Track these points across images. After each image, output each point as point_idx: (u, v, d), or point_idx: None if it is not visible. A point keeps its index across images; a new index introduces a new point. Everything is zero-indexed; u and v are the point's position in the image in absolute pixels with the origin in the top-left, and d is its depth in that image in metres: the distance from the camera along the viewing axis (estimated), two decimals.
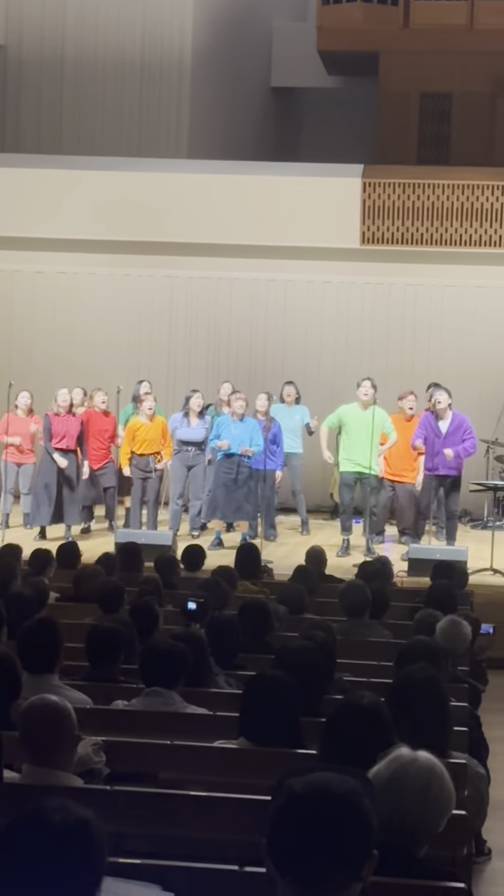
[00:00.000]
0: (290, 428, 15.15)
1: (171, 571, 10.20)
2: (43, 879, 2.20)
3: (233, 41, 20.77)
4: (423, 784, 3.40)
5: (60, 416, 14.57)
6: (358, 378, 14.50)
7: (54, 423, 14.54)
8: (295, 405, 15.55)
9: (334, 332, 18.06)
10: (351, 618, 8.46)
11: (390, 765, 3.44)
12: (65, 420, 14.57)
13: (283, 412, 15.21)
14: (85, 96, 20.06)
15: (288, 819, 2.45)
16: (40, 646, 5.85)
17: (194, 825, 4.39)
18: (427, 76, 19.73)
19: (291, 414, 15.36)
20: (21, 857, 2.21)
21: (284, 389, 15.64)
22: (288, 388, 15.65)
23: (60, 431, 14.51)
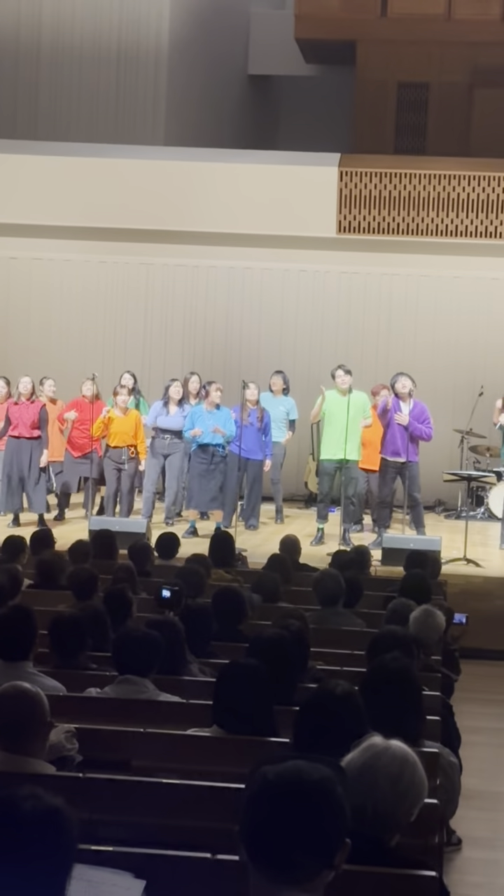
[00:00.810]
0: (274, 417, 15.15)
1: (145, 559, 10.20)
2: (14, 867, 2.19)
3: (210, 28, 20.72)
4: (395, 773, 3.41)
5: (20, 403, 14.53)
6: (332, 367, 14.49)
7: (11, 411, 14.51)
8: (282, 395, 15.54)
9: (310, 321, 18.06)
10: (324, 607, 8.47)
11: (363, 753, 3.44)
12: (23, 408, 14.52)
13: (269, 401, 15.21)
14: (61, 82, 19.97)
15: (261, 807, 2.45)
16: (14, 633, 5.83)
17: (167, 813, 4.39)
18: (404, 65, 19.73)
19: (277, 404, 15.36)
20: None
21: (272, 379, 15.63)
22: (276, 377, 15.64)
23: (14, 419, 14.47)
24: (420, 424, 13.75)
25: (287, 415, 15.47)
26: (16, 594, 8.21)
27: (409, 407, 13.78)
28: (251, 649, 5.84)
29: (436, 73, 19.76)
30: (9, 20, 19.86)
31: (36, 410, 14.57)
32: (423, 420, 13.82)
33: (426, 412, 13.90)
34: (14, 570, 8.72)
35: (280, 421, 15.35)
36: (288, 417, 15.48)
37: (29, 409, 14.55)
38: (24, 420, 14.46)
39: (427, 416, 13.87)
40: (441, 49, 19.61)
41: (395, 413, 13.65)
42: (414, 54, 19.63)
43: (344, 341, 17.76)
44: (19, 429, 14.47)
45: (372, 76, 19.91)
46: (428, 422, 13.85)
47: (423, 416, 13.83)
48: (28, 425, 14.46)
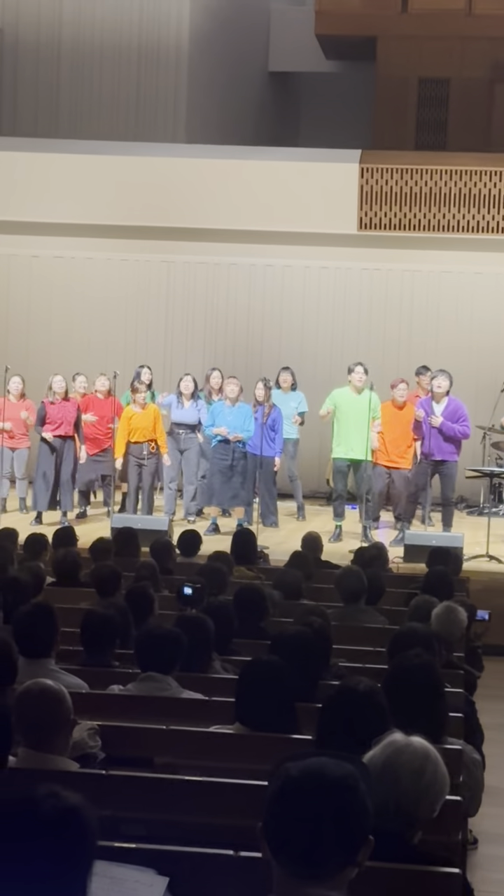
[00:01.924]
0: (285, 414, 15.15)
1: (167, 557, 10.21)
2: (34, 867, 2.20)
3: (231, 25, 20.71)
4: (417, 769, 3.40)
5: (56, 402, 14.53)
6: (351, 363, 14.47)
7: (49, 411, 14.50)
8: (291, 391, 15.55)
9: (331, 318, 18.04)
10: (347, 603, 8.46)
11: (384, 750, 3.44)
12: (60, 406, 14.53)
13: (279, 398, 15.19)
14: (82, 80, 20.00)
15: (284, 804, 2.45)
16: (36, 631, 5.85)
17: (190, 810, 4.39)
18: (425, 61, 19.70)
19: (287, 400, 15.35)
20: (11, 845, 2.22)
21: (280, 375, 15.62)
22: (284, 374, 15.64)
23: (56, 418, 14.48)
24: (454, 423, 13.61)
25: (296, 409, 15.45)
26: (38, 592, 8.23)
27: (441, 408, 13.65)
28: (273, 646, 5.84)
29: (456, 68, 19.72)
30: (30, 19, 19.90)
31: (73, 409, 14.59)
32: (458, 418, 13.65)
33: (461, 410, 13.73)
34: (36, 568, 8.76)
35: (290, 417, 15.33)
36: (297, 411, 15.46)
37: (67, 407, 14.56)
38: (68, 419, 14.47)
39: (463, 415, 13.69)
40: (462, 44, 19.57)
41: (429, 416, 13.54)
42: (434, 50, 19.59)
43: (365, 338, 17.74)
44: (64, 427, 14.46)
45: (392, 72, 19.88)
46: (464, 420, 13.68)
47: (458, 415, 13.66)
48: (71, 423, 14.48)
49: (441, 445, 13.61)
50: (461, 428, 13.64)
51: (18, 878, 2.20)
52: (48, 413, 14.48)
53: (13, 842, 2.23)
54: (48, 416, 14.46)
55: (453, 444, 13.74)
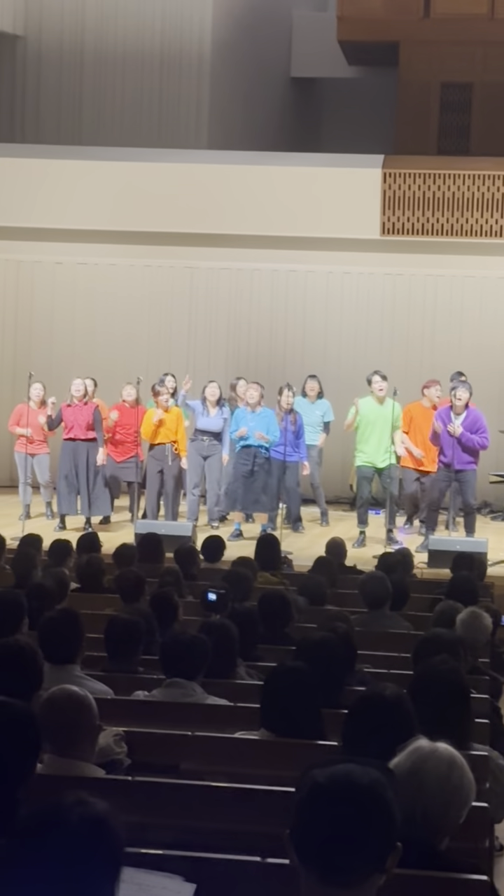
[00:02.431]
0: (310, 422, 15.20)
1: (191, 562, 10.22)
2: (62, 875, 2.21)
3: (253, 31, 20.73)
4: (443, 775, 3.39)
5: (73, 405, 14.57)
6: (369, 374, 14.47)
7: (65, 414, 14.55)
8: (317, 399, 15.57)
9: (354, 324, 18.03)
10: (371, 609, 8.45)
11: (410, 756, 3.42)
12: (76, 410, 14.55)
13: (304, 406, 15.24)
14: (105, 87, 20.05)
15: (311, 810, 2.45)
16: (62, 636, 5.86)
17: (216, 816, 4.39)
18: (447, 66, 19.66)
19: (313, 409, 15.40)
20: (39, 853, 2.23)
21: (307, 383, 15.65)
22: (311, 382, 15.67)
23: (70, 421, 14.52)
24: (473, 434, 13.58)
25: (322, 417, 15.48)
26: (63, 598, 8.24)
27: (461, 419, 13.61)
28: (298, 652, 5.84)
29: (479, 73, 19.69)
30: (53, 27, 19.96)
31: (90, 412, 14.61)
32: (478, 429, 13.62)
33: (480, 420, 13.71)
34: (61, 574, 8.77)
35: (316, 425, 15.37)
36: (323, 420, 15.49)
37: (83, 410, 14.58)
38: (80, 422, 14.50)
39: (482, 426, 13.67)
40: (484, 49, 19.53)
41: (448, 424, 13.52)
42: (457, 55, 19.56)
43: (388, 343, 17.72)
44: (74, 430, 14.50)
45: (415, 77, 19.86)
46: (483, 431, 13.66)
47: (478, 426, 13.63)
48: (83, 427, 14.50)
49: (460, 455, 13.59)
50: (480, 439, 13.62)
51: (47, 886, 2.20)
52: (64, 416, 14.53)
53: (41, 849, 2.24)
54: (64, 418, 14.52)
55: (471, 454, 13.71)
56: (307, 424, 15.07)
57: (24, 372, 15.52)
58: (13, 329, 18.54)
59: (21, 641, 5.31)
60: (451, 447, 13.52)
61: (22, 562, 9.39)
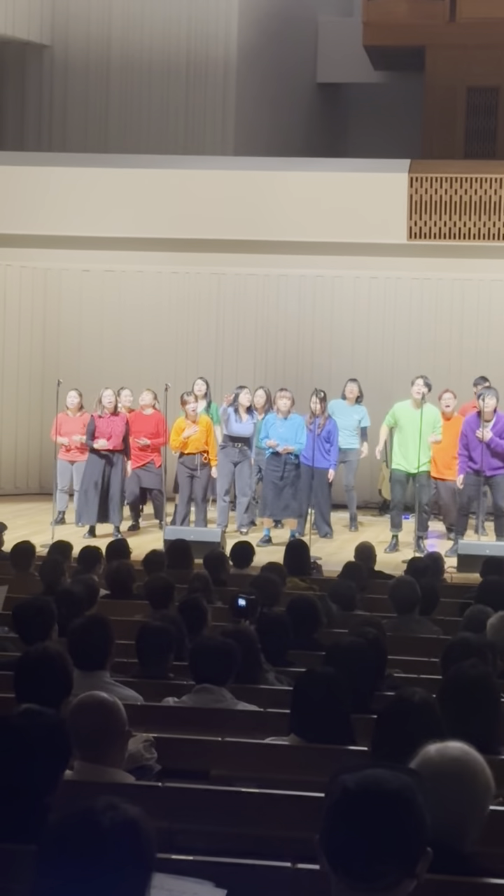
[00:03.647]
0: (347, 425, 15.20)
1: (221, 568, 10.21)
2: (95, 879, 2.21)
3: (278, 37, 20.75)
4: (455, 774, 3.30)
5: (105, 416, 14.59)
6: (406, 375, 14.52)
7: (98, 425, 14.56)
8: (356, 404, 15.57)
9: (381, 329, 18.02)
10: (400, 614, 8.43)
11: (419, 761, 3.35)
12: (109, 421, 14.58)
13: (343, 409, 15.24)
14: (131, 95, 20.10)
15: (341, 815, 2.44)
16: (91, 643, 5.87)
17: (246, 822, 4.38)
18: (474, 70, 19.62)
19: (351, 412, 15.41)
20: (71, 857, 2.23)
21: (347, 386, 15.67)
22: (351, 385, 15.68)
23: (105, 432, 14.54)
24: (501, 440, 13.55)
25: (360, 423, 15.47)
26: (93, 604, 8.26)
27: (489, 425, 13.57)
28: (328, 657, 5.84)
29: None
30: (79, 35, 20.03)
31: (122, 423, 14.63)
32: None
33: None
34: (90, 581, 8.79)
35: (353, 428, 15.37)
36: (360, 425, 15.49)
37: (115, 421, 14.60)
38: (116, 432, 14.51)
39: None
40: None
41: (476, 430, 13.48)
42: (483, 58, 19.51)
43: (416, 348, 17.69)
44: (112, 441, 14.50)
45: (441, 81, 19.82)
46: None
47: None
48: (119, 437, 14.52)
49: (489, 461, 13.56)
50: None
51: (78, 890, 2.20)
52: (97, 427, 14.55)
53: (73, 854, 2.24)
54: (97, 430, 14.53)
55: (500, 459, 13.68)
56: (344, 428, 15.06)
57: (52, 380, 15.56)
58: (41, 337, 18.59)
59: (51, 648, 5.32)
60: (480, 453, 13.48)
61: (51, 569, 9.42)
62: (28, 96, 20.36)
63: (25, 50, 20.12)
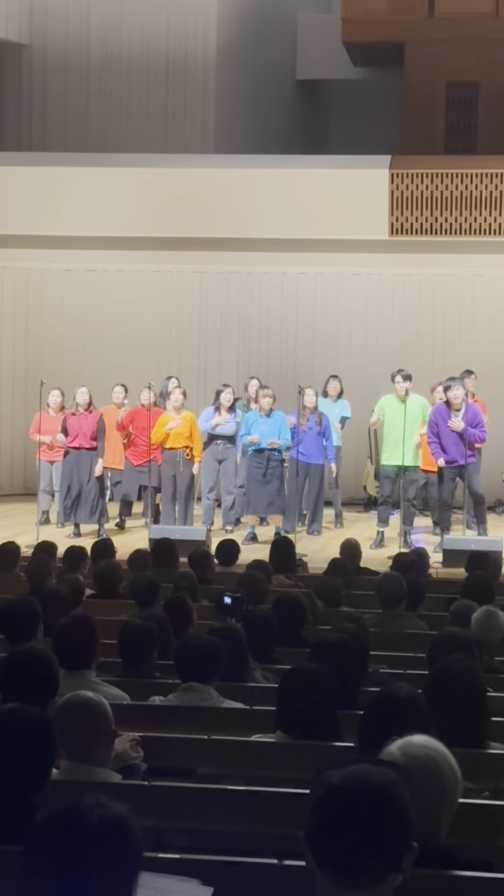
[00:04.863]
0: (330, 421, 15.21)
1: (206, 566, 10.21)
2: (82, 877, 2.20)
3: (257, 34, 20.74)
4: (420, 769, 3.25)
5: (77, 414, 14.58)
6: (390, 370, 14.51)
7: (70, 422, 14.56)
8: (338, 399, 15.59)
9: (364, 325, 18.03)
10: (386, 609, 8.44)
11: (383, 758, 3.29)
12: (80, 418, 14.56)
13: (325, 406, 15.26)
14: (110, 94, 20.07)
15: (326, 811, 2.44)
16: (76, 642, 5.87)
17: (233, 819, 4.38)
18: (453, 65, 19.64)
19: (332, 408, 15.42)
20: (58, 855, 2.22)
21: (329, 384, 15.69)
22: (333, 382, 15.72)
23: (75, 429, 14.53)
24: (474, 429, 13.61)
25: (339, 414, 15.49)
26: (78, 604, 8.26)
27: (460, 415, 13.62)
28: (313, 654, 5.84)
29: (485, 71, 19.66)
30: (58, 34, 19.99)
31: (94, 421, 14.61)
32: (477, 424, 13.68)
33: (479, 415, 13.77)
34: (75, 581, 8.79)
35: (335, 424, 15.37)
36: (340, 416, 15.49)
37: (87, 419, 14.59)
38: (84, 430, 14.51)
39: (480, 420, 13.74)
40: (489, 47, 19.51)
41: (448, 421, 13.52)
42: (462, 53, 19.53)
43: (399, 343, 17.71)
44: (79, 439, 14.51)
45: (421, 77, 19.84)
46: (481, 425, 13.72)
47: (477, 420, 13.69)
48: (88, 436, 14.51)
49: (462, 450, 13.59)
50: (480, 433, 13.69)
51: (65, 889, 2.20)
52: (68, 424, 14.55)
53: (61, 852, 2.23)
54: (68, 427, 14.54)
55: (470, 447, 13.74)
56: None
57: (35, 379, 15.55)
58: (24, 337, 18.56)
59: (36, 648, 5.32)
60: (451, 447, 13.51)
61: (36, 569, 9.41)
62: (7, 96, 20.32)
63: (4, 49, 20.08)
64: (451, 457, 13.59)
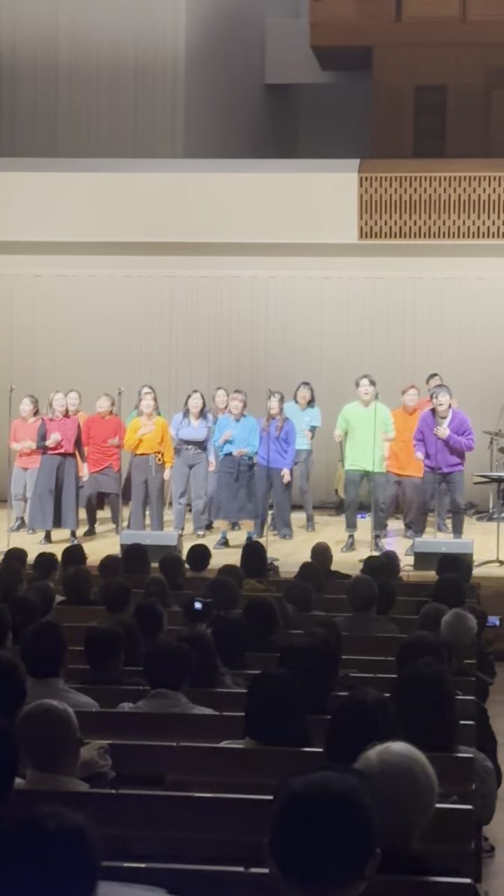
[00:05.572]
0: (298, 428, 15.20)
1: (177, 572, 10.19)
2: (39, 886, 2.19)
3: (226, 39, 20.75)
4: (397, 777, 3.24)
5: (56, 420, 14.53)
6: (357, 375, 14.50)
7: (49, 428, 14.51)
8: (307, 407, 15.56)
9: (334, 328, 18.04)
10: (357, 613, 8.44)
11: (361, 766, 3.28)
12: (60, 424, 14.52)
13: (295, 413, 15.25)
14: (80, 98, 20.04)
15: (289, 819, 2.43)
16: (43, 650, 5.83)
17: (201, 827, 4.37)
18: (421, 69, 19.69)
19: (302, 415, 15.41)
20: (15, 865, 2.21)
21: (299, 391, 15.64)
22: (303, 389, 15.66)
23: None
24: (460, 437, 13.63)
25: (309, 423, 15.49)
26: (47, 611, 8.22)
27: (446, 423, 13.65)
28: (282, 659, 5.83)
29: (452, 75, 19.71)
30: (26, 38, 19.95)
31: (74, 426, 14.57)
32: (464, 431, 13.70)
33: (466, 423, 13.79)
34: (45, 587, 8.75)
35: (304, 432, 15.37)
36: (310, 424, 15.49)
37: (66, 424, 14.54)
38: (66, 436, 14.45)
39: (468, 428, 13.77)
40: (457, 51, 19.56)
41: (434, 428, 13.56)
42: (430, 57, 19.58)
43: (370, 347, 17.73)
44: (62, 444, 14.45)
45: (389, 80, 19.87)
46: (469, 433, 13.75)
47: (464, 428, 13.72)
48: (70, 441, 14.47)
49: (447, 458, 13.64)
50: (466, 441, 13.71)
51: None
52: (48, 430, 14.50)
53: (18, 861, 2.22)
54: (48, 433, 14.49)
55: (458, 455, 13.77)
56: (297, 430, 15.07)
57: (5, 386, 15.48)
58: None
59: (3, 656, 5.29)
60: (435, 450, 13.54)
61: (6, 576, 9.36)
62: None
63: None
64: (433, 463, 13.60)
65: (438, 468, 13.60)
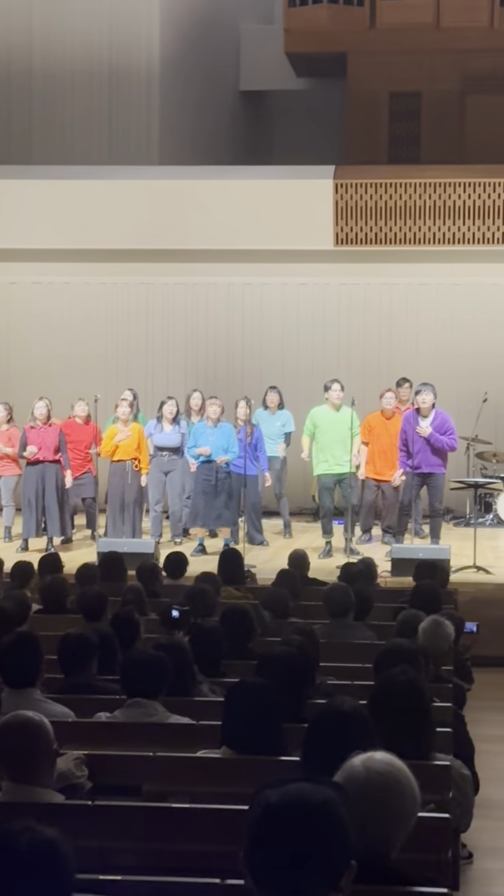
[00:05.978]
0: (270, 433, 15.19)
1: (154, 579, 10.17)
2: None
3: (200, 45, 20.75)
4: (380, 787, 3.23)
5: (36, 427, 14.48)
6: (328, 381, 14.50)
7: (30, 436, 14.45)
8: (278, 411, 15.55)
9: (311, 334, 18.05)
10: (334, 620, 8.43)
11: (344, 774, 3.28)
12: (41, 432, 14.47)
13: (265, 417, 15.25)
14: (54, 106, 20.00)
15: (264, 831, 2.42)
16: (19, 660, 5.81)
17: (179, 837, 4.35)
18: (395, 76, 19.73)
19: (273, 420, 15.40)
20: None
21: (267, 395, 15.62)
22: (271, 393, 15.63)
23: (36, 443, 14.44)
24: (442, 436, 13.64)
25: (282, 428, 15.47)
26: (24, 620, 8.18)
27: (428, 422, 13.67)
28: (259, 668, 5.81)
29: (427, 81, 19.77)
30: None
31: (55, 434, 14.52)
32: (446, 431, 13.69)
33: (448, 422, 13.77)
34: (21, 596, 8.71)
35: (276, 436, 15.36)
36: (283, 430, 15.48)
37: (48, 432, 14.49)
38: (47, 443, 14.40)
39: (450, 427, 13.75)
40: (431, 57, 19.62)
41: (416, 427, 13.57)
42: (404, 64, 19.63)
43: (346, 353, 17.75)
44: (42, 452, 14.40)
45: (363, 87, 19.91)
46: (451, 433, 13.74)
47: (446, 427, 13.70)
48: (51, 449, 14.42)
49: (429, 458, 13.63)
50: (449, 440, 13.69)
51: None
52: (28, 438, 14.44)
53: None
54: (28, 441, 14.43)
55: (440, 457, 13.77)
56: (267, 436, 15.08)
57: None
58: None
59: None
60: (417, 450, 13.54)
61: None
62: None
63: None
64: (416, 463, 13.61)
65: (419, 467, 13.60)
